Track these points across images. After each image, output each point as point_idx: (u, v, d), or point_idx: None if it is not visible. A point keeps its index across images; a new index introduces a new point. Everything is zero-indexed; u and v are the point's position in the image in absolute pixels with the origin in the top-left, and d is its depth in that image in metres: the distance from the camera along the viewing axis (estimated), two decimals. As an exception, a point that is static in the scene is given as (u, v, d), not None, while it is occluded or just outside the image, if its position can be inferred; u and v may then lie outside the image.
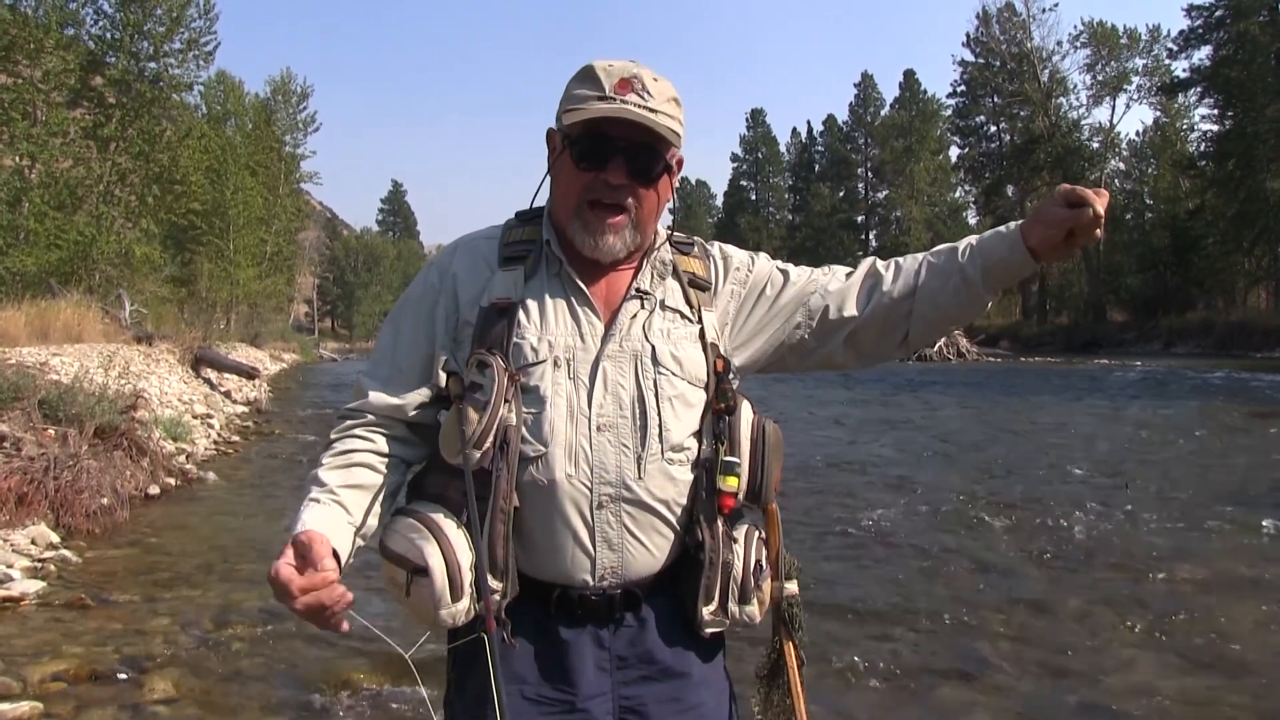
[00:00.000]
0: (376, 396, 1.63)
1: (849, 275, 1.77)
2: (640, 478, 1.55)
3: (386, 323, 1.72)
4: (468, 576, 1.47)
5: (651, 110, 1.53)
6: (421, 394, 1.63)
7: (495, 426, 1.49)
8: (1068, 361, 33.84)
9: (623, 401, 1.57)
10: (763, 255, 1.81)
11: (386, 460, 1.61)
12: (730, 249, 1.80)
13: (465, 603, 1.48)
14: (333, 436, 1.63)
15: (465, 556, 1.48)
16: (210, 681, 4.17)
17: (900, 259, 1.76)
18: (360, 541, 1.56)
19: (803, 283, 1.77)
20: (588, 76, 1.57)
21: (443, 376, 1.58)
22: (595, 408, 1.55)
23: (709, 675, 1.67)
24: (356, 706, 3.96)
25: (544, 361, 1.55)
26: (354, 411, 1.64)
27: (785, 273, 1.78)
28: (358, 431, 1.62)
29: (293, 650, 4.60)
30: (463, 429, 1.48)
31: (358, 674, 4.25)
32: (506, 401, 1.50)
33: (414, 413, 1.64)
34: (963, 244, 1.71)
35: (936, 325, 1.73)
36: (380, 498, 1.59)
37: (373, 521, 1.57)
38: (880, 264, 1.76)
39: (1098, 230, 1.53)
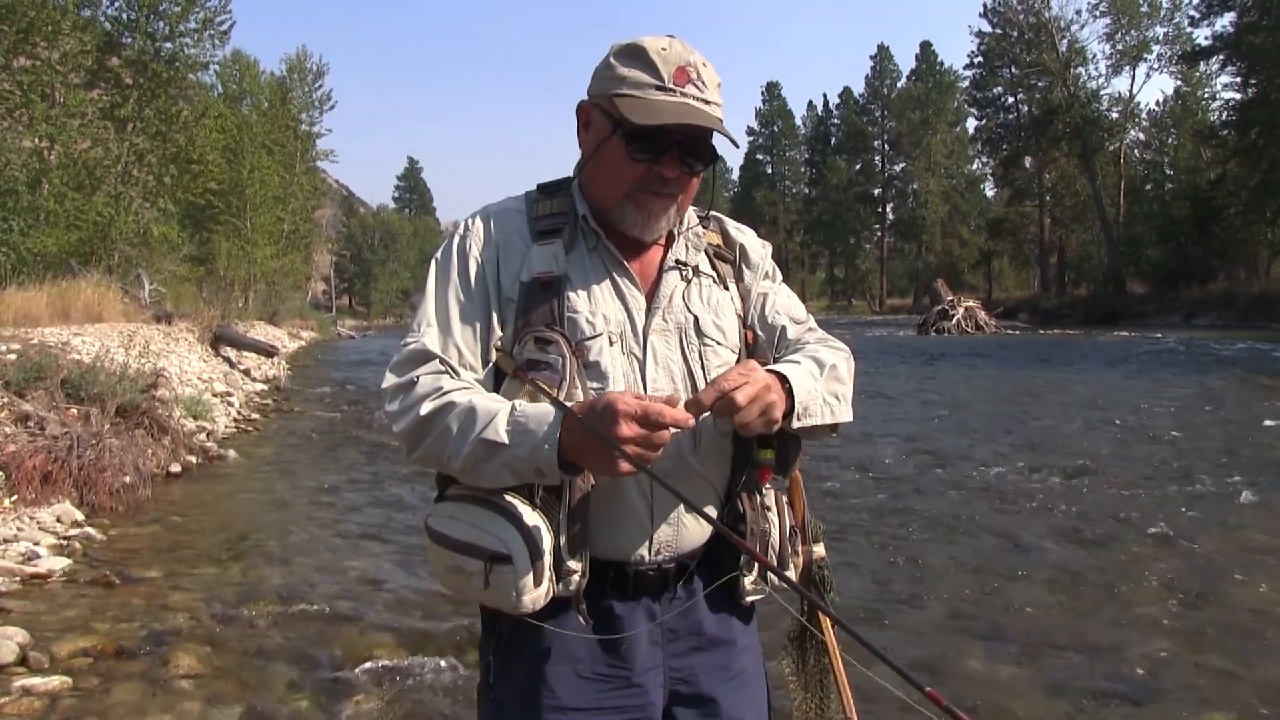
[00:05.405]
0: (467, 375, 1.54)
1: (796, 322, 1.75)
2: (696, 450, 1.57)
3: (431, 311, 1.57)
4: (548, 560, 1.44)
5: (707, 103, 1.52)
6: (488, 376, 1.56)
7: None
8: (1087, 334, 33.55)
9: (674, 375, 1.57)
10: (769, 247, 1.82)
11: None
12: (747, 234, 1.80)
13: (545, 586, 1.45)
14: (425, 393, 1.48)
15: (546, 540, 1.44)
16: (233, 657, 4.22)
17: (817, 346, 1.70)
18: None
19: (774, 303, 1.75)
20: (639, 57, 1.52)
21: (493, 354, 1.55)
22: (650, 383, 1.55)
23: (748, 642, 1.70)
24: (378, 681, 4.00)
25: (600, 336, 1.54)
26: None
27: (775, 279, 1.79)
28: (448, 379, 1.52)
29: (314, 626, 4.65)
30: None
31: (379, 649, 4.30)
32: (574, 379, 1.49)
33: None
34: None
35: None
36: None
37: None
38: (810, 338, 1.73)
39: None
